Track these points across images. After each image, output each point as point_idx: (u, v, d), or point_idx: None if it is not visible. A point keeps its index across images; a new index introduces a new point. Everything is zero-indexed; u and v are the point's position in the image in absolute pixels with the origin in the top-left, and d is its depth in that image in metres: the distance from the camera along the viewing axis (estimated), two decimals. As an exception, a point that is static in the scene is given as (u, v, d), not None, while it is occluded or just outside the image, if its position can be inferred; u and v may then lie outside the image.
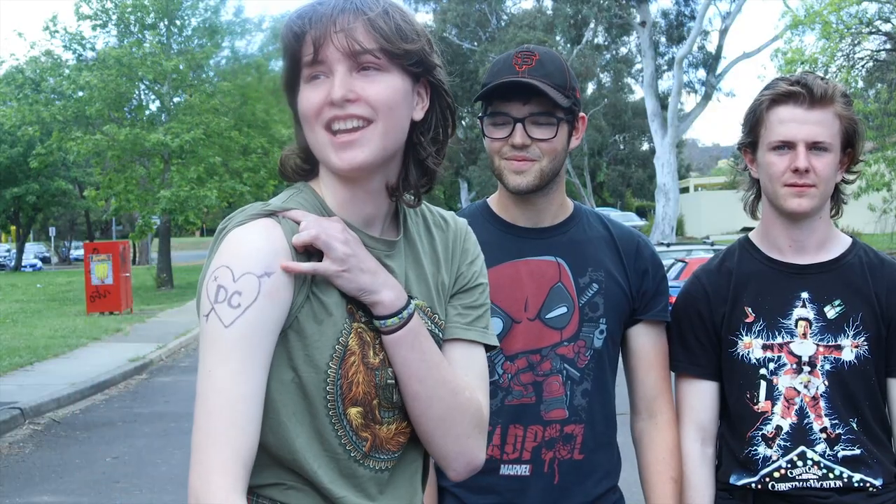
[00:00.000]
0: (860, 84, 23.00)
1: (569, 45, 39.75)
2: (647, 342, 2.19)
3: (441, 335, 1.60)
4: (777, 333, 2.18)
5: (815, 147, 2.10)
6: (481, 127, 2.13)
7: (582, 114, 2.14)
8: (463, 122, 39.42)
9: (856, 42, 22.45)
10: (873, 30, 22.59)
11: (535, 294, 2.09)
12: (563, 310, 2.10)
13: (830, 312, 2.17)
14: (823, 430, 2.15)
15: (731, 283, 2.23)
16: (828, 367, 2.15)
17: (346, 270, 1.44)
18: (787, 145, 2.12)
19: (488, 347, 1.65)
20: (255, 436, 1.38)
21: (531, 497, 2.08)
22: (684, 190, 48.58)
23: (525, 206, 2.13)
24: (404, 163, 1.54)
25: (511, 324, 2.08)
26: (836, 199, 2.24)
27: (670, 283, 2.31)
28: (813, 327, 2.17)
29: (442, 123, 1.55)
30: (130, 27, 29.89)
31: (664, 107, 32.03)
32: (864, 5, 21.94)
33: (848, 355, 2.15)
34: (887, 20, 22.68)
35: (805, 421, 2.15)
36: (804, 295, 2.19)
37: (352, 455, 1.49)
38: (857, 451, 2.15)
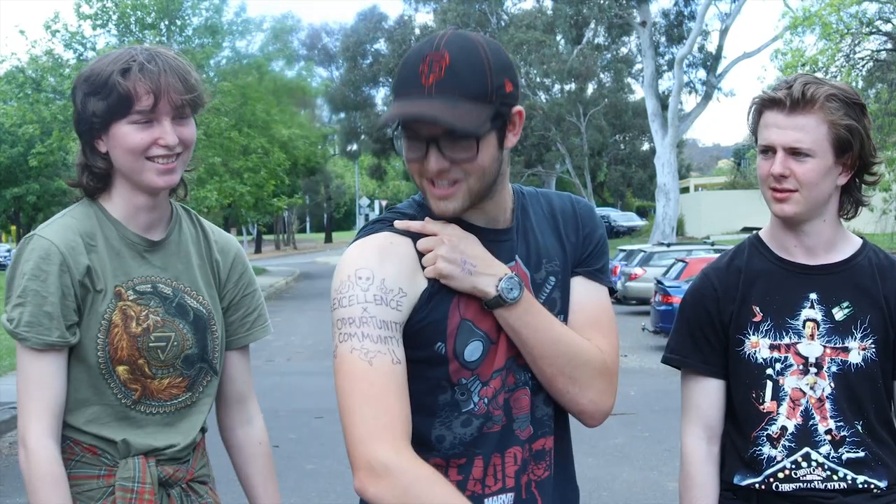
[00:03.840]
0: (860, 84, 22.99)
1: (569, 46, 39.79)
2: (582, 295, 1.85)
3: (206, 312, 2.11)
4: (784, 334, 2.17)
5: (794, 153, 2.10)
6: (392, 138, 1.74)
7: (518, 108, 1.72)
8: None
9: (856, 42, 22.47)
10: (873, 30, 22.61)
11: None
12: None
13: (838, 314, 2.16)
14: (828, 431, 2.14)
15: (741, 281, 2.23)
16: (834, 368, 2.14)
17: None
18: (769, 150, 2.13)
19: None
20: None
21: None
22: (684, 190, 48.54)
23: (473, 211, 1.77)
24: None
25: (489, 345, 1.75)
26: (849, 200, 2.21)
27: (670, 283, 2.29)
28: (820, 329, 2.16)
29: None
30: (131, 27, 29.89)
31: (664, 107, 32.07)
32: (864, 5, 21.97)
33: (855, 358, 2.15)
34: (887, 20, 22.71)
35: (810, 422, 2.15)
36: (812, 296, 2.18)
37: (122, 402, 2.02)
38: (862, 454, 2.14)
